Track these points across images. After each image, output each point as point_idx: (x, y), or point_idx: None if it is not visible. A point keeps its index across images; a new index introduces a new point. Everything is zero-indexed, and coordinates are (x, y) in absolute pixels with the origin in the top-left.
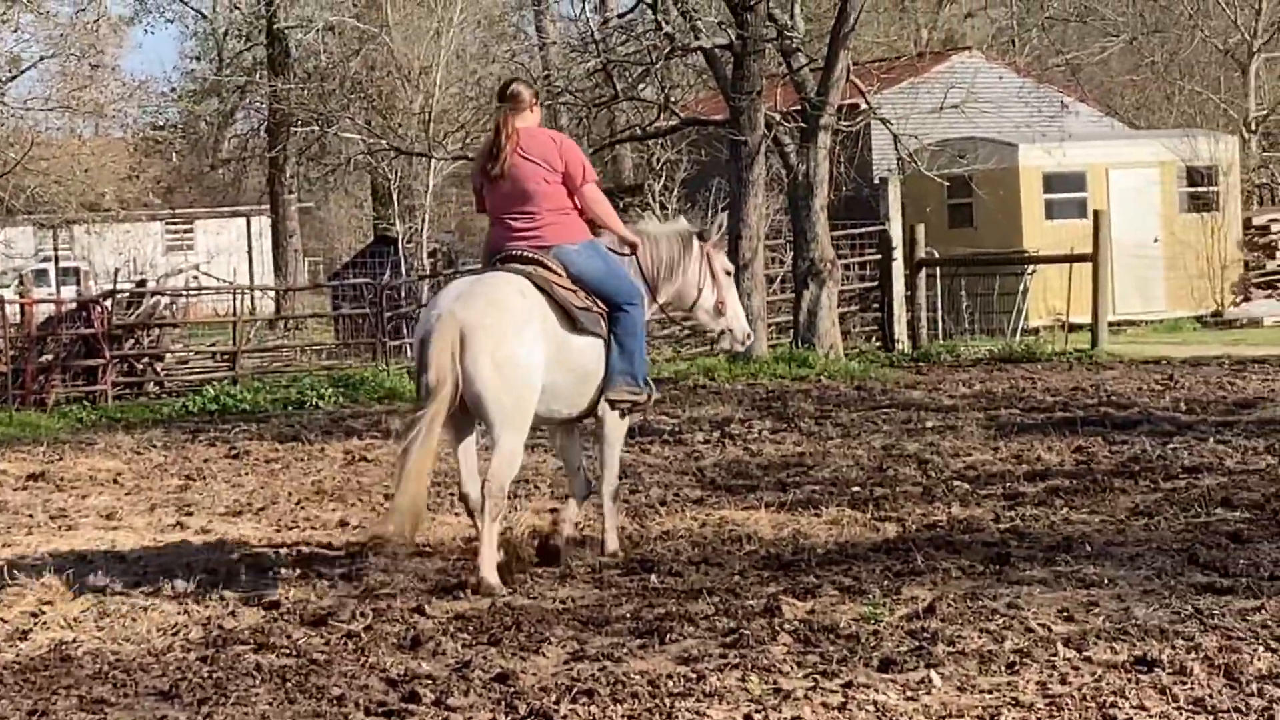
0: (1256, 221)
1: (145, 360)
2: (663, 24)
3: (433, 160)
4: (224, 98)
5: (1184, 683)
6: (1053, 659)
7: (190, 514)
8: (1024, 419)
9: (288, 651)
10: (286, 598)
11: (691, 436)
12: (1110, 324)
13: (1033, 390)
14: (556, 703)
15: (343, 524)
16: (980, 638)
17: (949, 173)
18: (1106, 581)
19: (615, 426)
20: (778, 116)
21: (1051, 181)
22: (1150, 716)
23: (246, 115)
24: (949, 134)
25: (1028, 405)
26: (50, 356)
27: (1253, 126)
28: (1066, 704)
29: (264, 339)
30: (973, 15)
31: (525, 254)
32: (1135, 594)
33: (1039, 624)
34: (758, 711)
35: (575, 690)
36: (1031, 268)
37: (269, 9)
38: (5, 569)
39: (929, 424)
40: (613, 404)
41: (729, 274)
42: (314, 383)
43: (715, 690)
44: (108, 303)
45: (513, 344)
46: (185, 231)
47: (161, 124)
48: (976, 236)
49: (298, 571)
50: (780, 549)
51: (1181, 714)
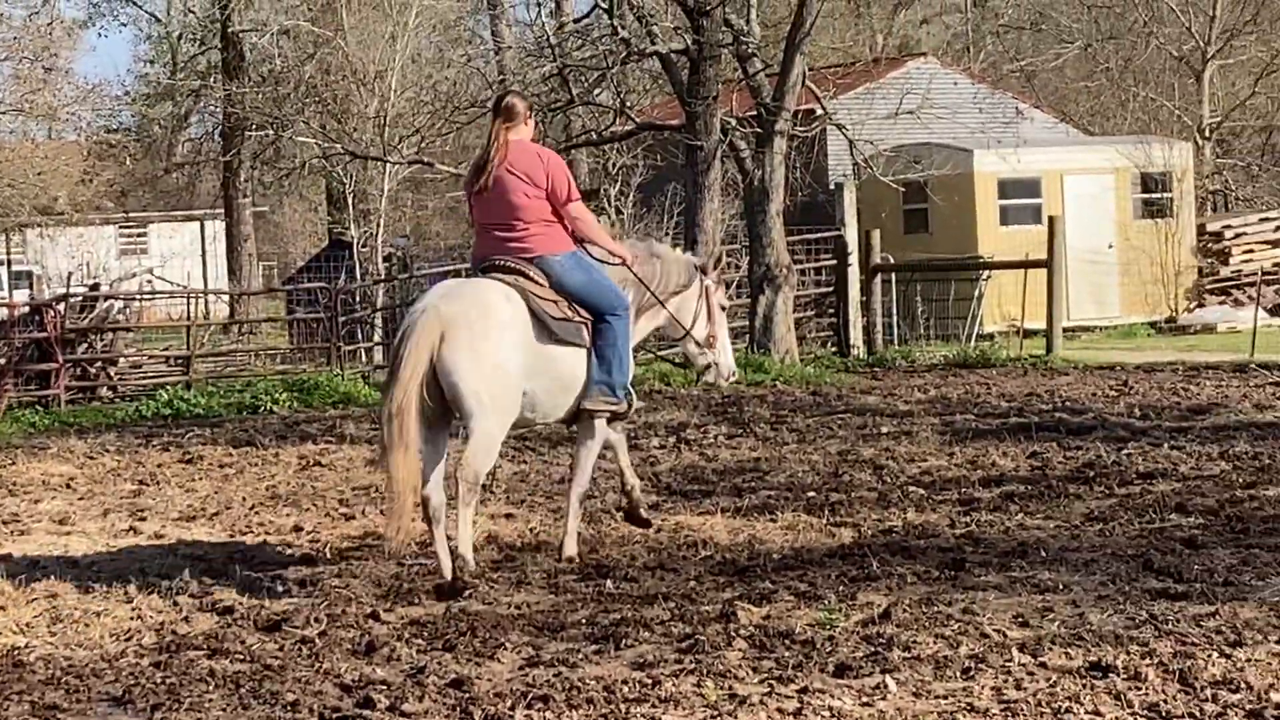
0: (1210, 228)
1: (99, 365)
2: (619, 29)
3: (388, 164)
4: (178, 101)
5: (1139, 688)
6: (1008, 664)
7: (144, 519)
8: (979, 424)
9: (241, 657)
10: (240, 603)
11: (647, 442)
12: (1065, 330)
13: (988, 396)
14: (511, 708)
15: (297, 529)
16: (936, 643)
17: (904, 178)
18: (1061, 587)
19: (594, 432)
20: (733, 122)
21: (1006, 187)
22: None
23: (201, 119)
24: (904, 139)
25: (983, 411)
26: (2, 361)
27: (1206, 133)
28: (1022, 709)
29: (218, 343)
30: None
31: (508, 263)
32: (1090, 599)
33: (994, 629)
34: (713, 717)
35: (530, 696)
36: (986, 273)
37: (223, 12)
38: None
39: (884, 429)
40: (590, 413)
41: (723, 309)
42: (268, 387)
43: (671, 696)
44: (61, 307)
45: (494, 341)
46: (139, 235)
47: (115, 128)
48: (932, 242)
49: (252, 577)
50: (736, 554)
51: (1136, 719)
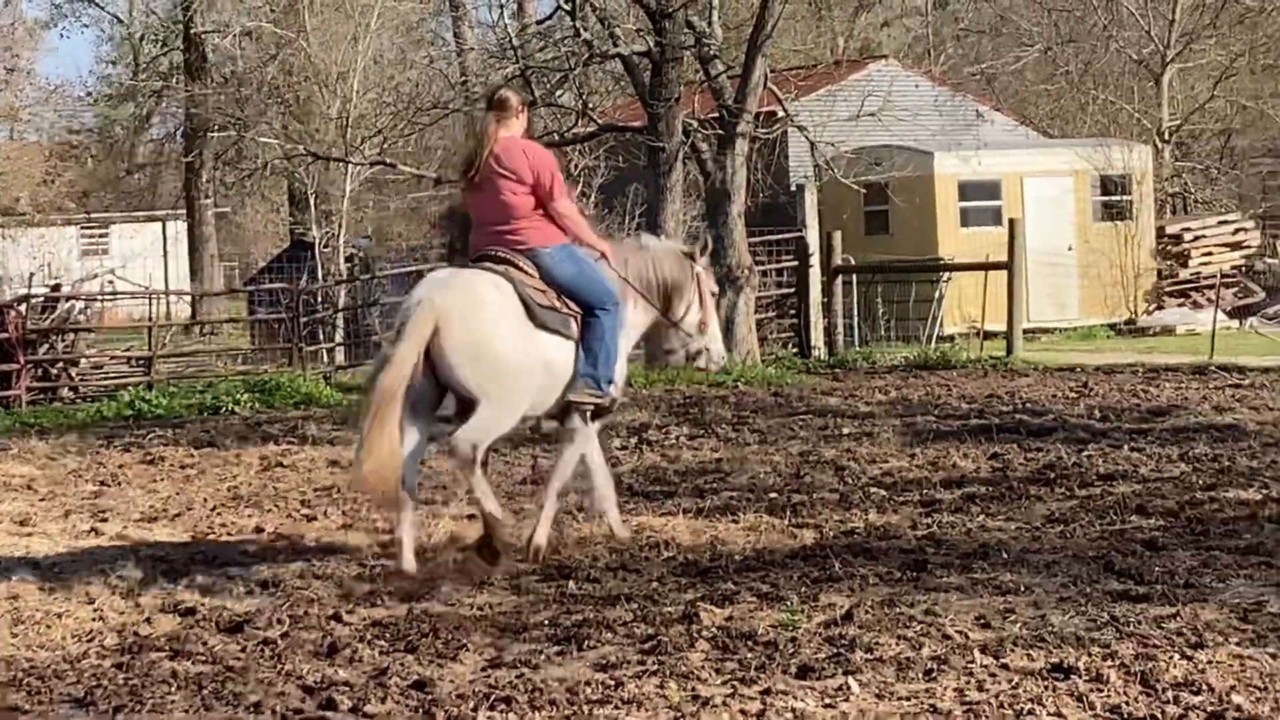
0: (1169, 230)
1: (60, 365)
2: (581, 30)
3: (350, 165)
4: (140, 102)
5: (1100, 690)
6: (970, 666)
7: (105, 520)
8: (940, 426)
9: (204, 658)
10: (202, 604)
11: (609, 443)
12: (1025, 331)
13: (948, 397)
14: (474, 710)
15: (258, 530)
16: (898, 645)
17: (865, 180)
18: (1023, 589)
19: (583, 430)
20: (695, 123)
21: (967, 189)
22: None
23: (163, 120)
24: (865, 141)
25: (944, 412)
26: None
27: (1166, 136)
28: (984, 711)
29: (180, 344)
30: (889, 24)
31: (499, 254)
32: (1052, 601)
33: (956, 631)
34: (676, 718)
35: (493, 698)
36: (947, 275)
37: (185, 14)
38: None
39: (846, 431)
40: (574, 405)
41: (714, 295)
42: (230, 388)
43: (633, 697)
44: (22, 307)
45: (489, 330)
46: (100, 236)
47: (77, 128)
48: (893, 244)
49: (214, 578)
50: (698, 556)
51: None
